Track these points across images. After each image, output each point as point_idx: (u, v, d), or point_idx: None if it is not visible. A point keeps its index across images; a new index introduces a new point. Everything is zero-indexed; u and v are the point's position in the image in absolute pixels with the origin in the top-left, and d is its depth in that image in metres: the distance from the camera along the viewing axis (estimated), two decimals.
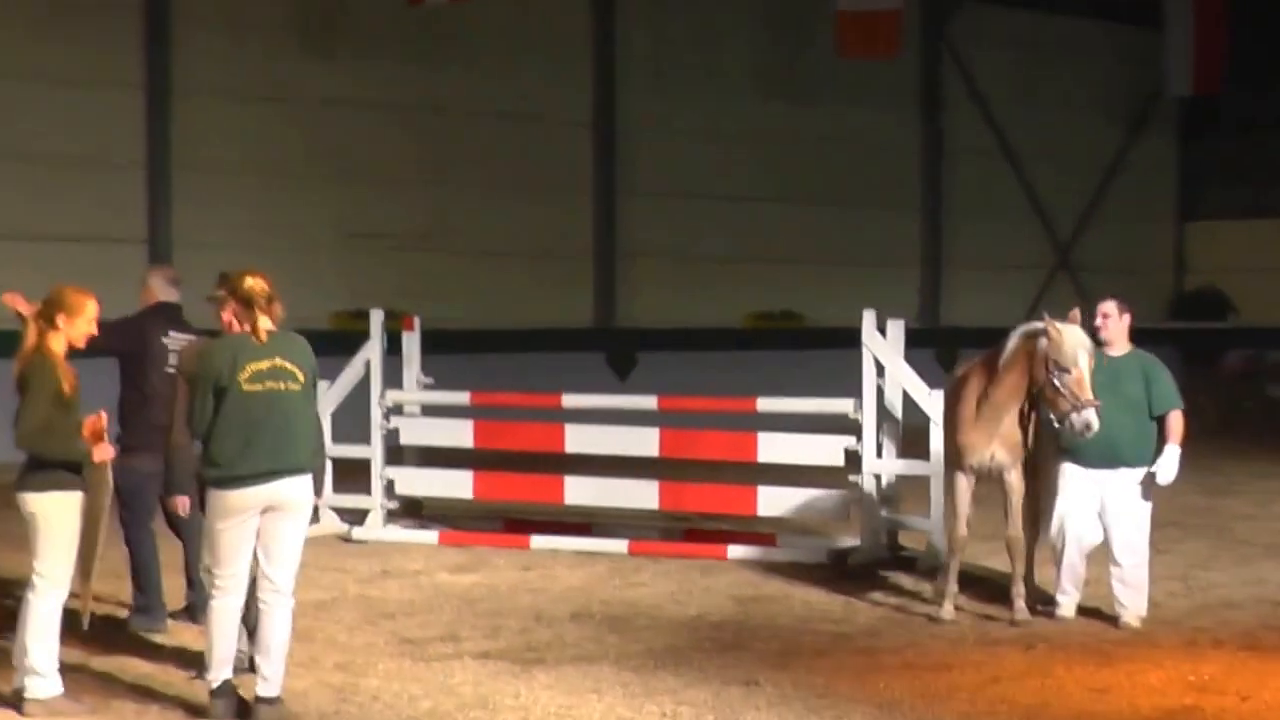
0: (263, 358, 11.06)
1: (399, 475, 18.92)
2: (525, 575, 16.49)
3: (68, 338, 11.61)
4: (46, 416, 11.32)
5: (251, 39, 27.41)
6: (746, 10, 32.66)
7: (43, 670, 11.37)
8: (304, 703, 11.56)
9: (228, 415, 10.99)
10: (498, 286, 29.18)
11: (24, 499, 11.40)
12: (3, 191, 24.40)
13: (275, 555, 11.18)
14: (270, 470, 11.03)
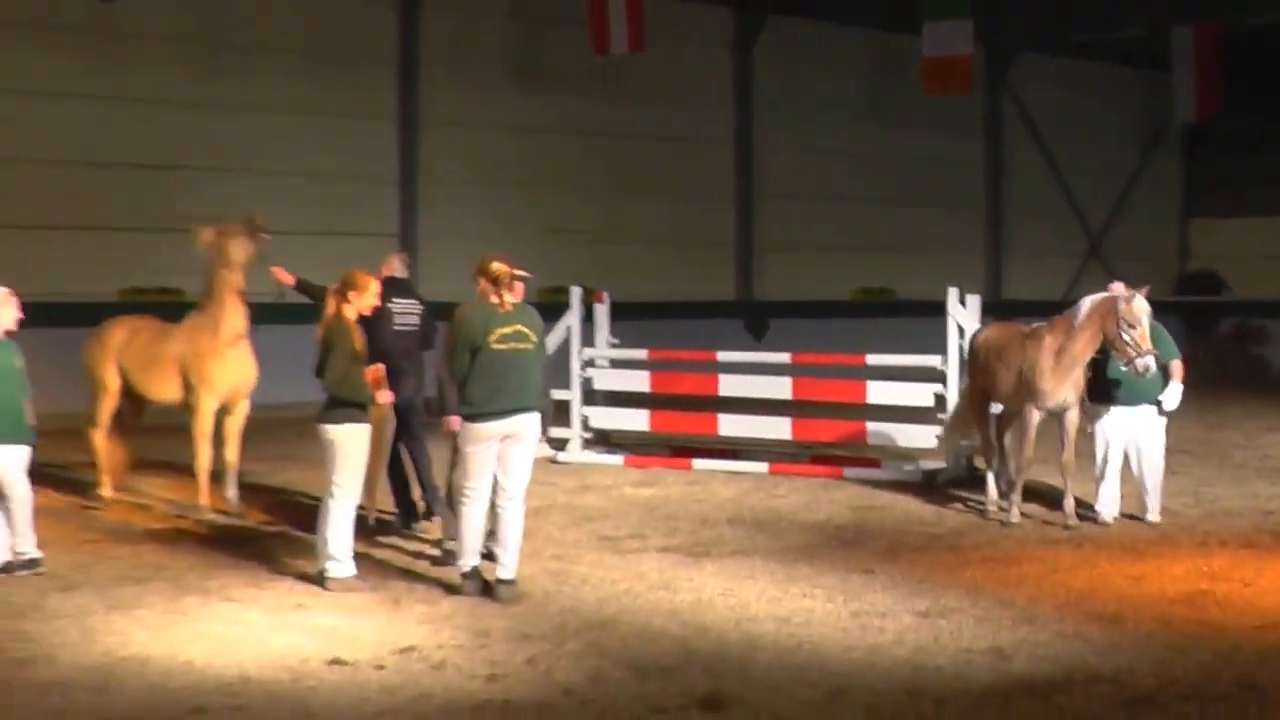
0: (507, 324, 11.22)
1: (593, 413, 19.00)
2: (691, 489, 16.54)
3: (357, 307, 11.82)
4: (345, 368, 11.52)
5: (477, 80, 27.51)
6: (855, 55, 32.51)
7: (339, 557, 11.58)
8: (531, 584, 11.68)
9: (479, 367, 11.15)
10: (662, 269, 29.24)
11: (325, 429, 11.59)
12: (291, 199, 24.56)
13: (512, 472, 11.33)
14: (510, 409, 11.18)
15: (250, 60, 25.10)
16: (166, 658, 9.70)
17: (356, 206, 25.77)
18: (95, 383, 15.22)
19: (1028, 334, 14.52)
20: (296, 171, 25.23)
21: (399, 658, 9.71)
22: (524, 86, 28.10)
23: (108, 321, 15.65)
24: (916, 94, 29.16)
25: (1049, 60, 35.76)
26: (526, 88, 28.11)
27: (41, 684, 9.15)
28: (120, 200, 23.66)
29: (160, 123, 24.10)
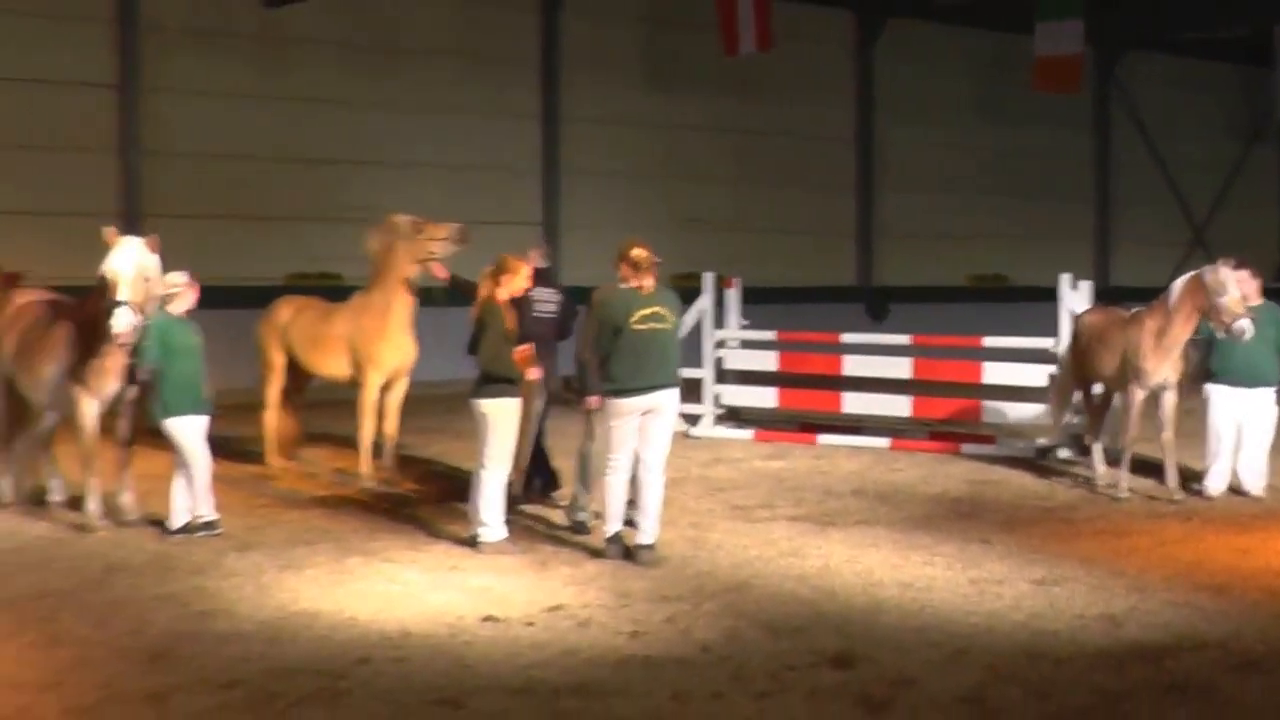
0: (647, 305, 11.27)
1: (724, 390, 19.02)
2: (816, 463, 16.51)
3: (509, 290, 11.91)
4: (497, 347, 11.62)
5: (614, 80, 27.59)
6: (969, 54, 32.24)
7: (491, 522, 11.69)
8: (669, 549, 11.73)
9: (622, 346, 11.21)
10: (788, 256, 29.19)
11: (478, 404, 11.69)
12: (441, 191, 24.74)
13: (652, 444, 11.38)
14: (651, 385, 11.23)
15: (404, 62, 25.33)
16: (333, 613, 9.85)
17: (502, 198, 25.92)
18: (264, 360, 15.43)
19: (1128, 318, 14.39)
20: (446, 165, 25.43)
21: (547, 616, 9.80)
22: (657, 85, 28.13)
23: (276, 301, 15.88)
24: (1028, 91, 28.88)
25: (1155, 58, 35.27)
26: (660, 87, 28.14)
27: (221, 635, 9.34)
28: (285, 192, 23.99)
29: (321, 121, 24.39)
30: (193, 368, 12.25)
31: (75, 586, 10.57)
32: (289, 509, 13.54)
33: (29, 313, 13.12)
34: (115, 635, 9.32)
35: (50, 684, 8.33)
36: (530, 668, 8.66)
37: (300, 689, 8.22)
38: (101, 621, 9.63)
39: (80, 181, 22.24)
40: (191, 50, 23.30)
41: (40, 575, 10.90)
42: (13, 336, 13.02)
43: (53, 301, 13.28)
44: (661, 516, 11.66)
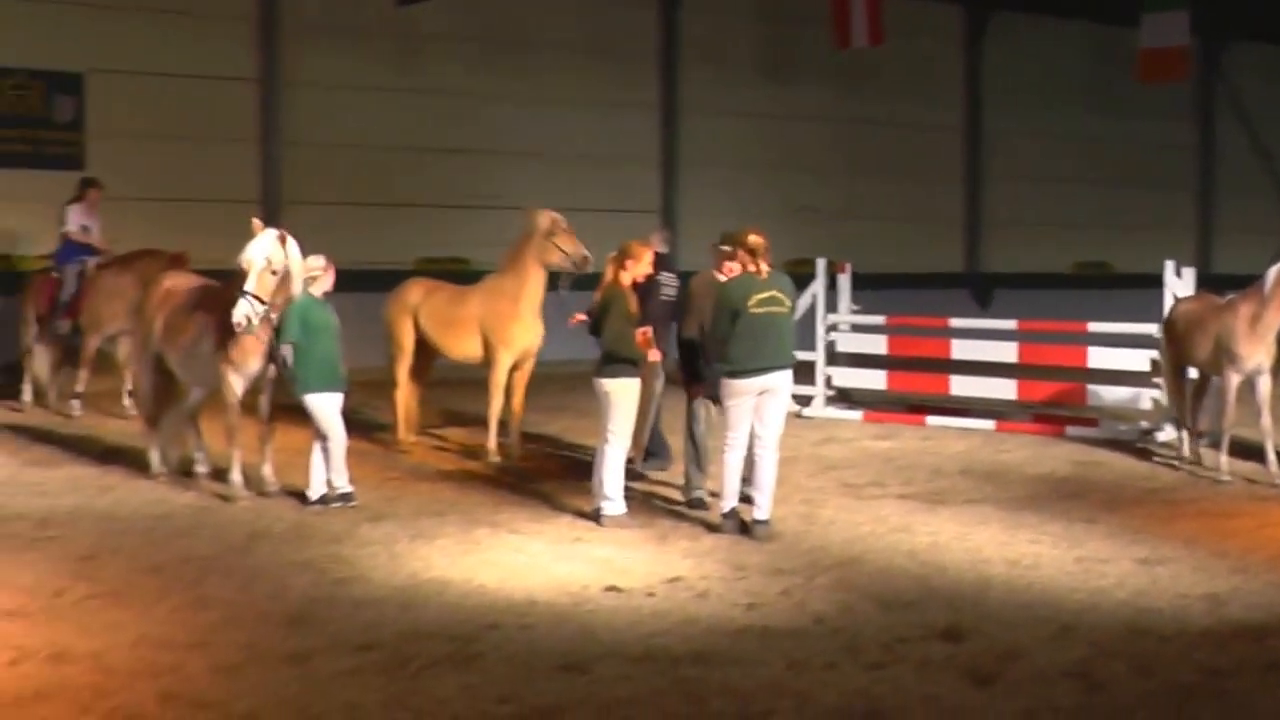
0: (764, 290, 11.25)
1: (835, 372, 18.93)
2: (925, 443, 16.41)
3: (632, 274, 11.94)
4: (620, 329, 11.65)
5: (730, 73, 27.55)
6: (1075, 46, 31.89)
7: (613, 496, 11.72)
8: (784, 525, 11.71)
9: (740, 329, 11.20)
10: (897, 243, 29.00)
11: (601, 383, 11.72)
12: (565, 179, 24.84)
13: (767, 423, 11.37)
14: (767, 366, 11.21)
15: (530, 57, 25.42)
16: (463, 581, 9.93)
17: (622, 186, 25.96)
18: (393, 339, 15.52)
19: (1223, 305, 14.21)
20: (570, 155, 25.52)
21: (667, 587, 9.82)
22: (771, 78, 28.06)
23: (405, 283, 16.00)
24: (1132, 82, 28.48)
25: (1258, 48, 34.68)
26: (774, 79, 28.06)
27: (357, 600, 9.44)
28: (416, 180, 24.16)
29: (450, 112, 24.54)
30: (330, 346, 12.39)
31: (220, 552, 10.74)
32: (419, 482, 13.65)
33: (178, 294, 13.33)
34: (257, 599, 9.46)
35: (198, 643, 8.46)
36: (651, 636, 8.68)
37: (433, 652, 8.29)
38: (244, 586, 9.78)
39: (224, 170, 22.54)
40: (328, 47, 23.53)
41: (187, 542, 11.08)
42: (162, 316, 13.23)
43: (200, 283, 13.47)
44: (776, 493, 11.65)
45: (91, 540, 11.05)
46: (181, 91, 22.23)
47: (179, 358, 13.07)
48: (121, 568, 10.24)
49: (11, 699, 7.49)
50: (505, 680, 7.86)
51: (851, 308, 19.06)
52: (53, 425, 16.59)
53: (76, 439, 15.63)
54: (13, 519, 11.77)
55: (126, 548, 10.84)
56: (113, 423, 16.92)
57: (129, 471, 13.72)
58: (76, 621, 8.90)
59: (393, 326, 15.54)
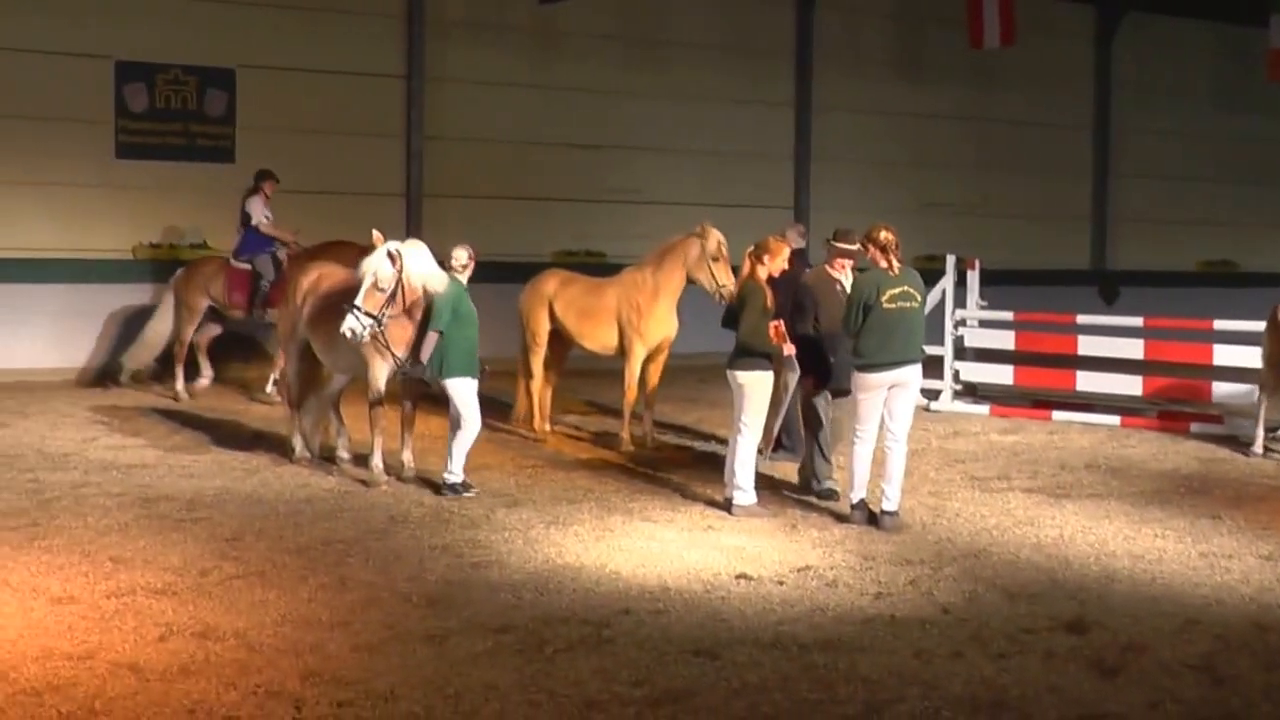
0: (895, 285, 11.15)
1: (962, 367, 18.73)
2: (1050, 438, 16.19)
3: (769, 270, 11.89)
4: (756, 322, 11.60)
5: (863, 71, 27.32)
6: (1204, 46, 31.29)
7: (745, 486, 11.69)
8: (911, 516, 11.64)
9: (871, 323, 11.12)
10: (1025, 240, 28.61)
11: (735, 375, 11.68)
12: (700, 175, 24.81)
13: (897, 416, 11.28)
14: (898, 360, 11.12)
15: (666, 54, 25.36)
16: (596, 567, 9.96)
17: (756, 182, 25.82)
18: (528, 329, 15.55)
19: None
20: (705, 151, 25.44)
21: (797, 575, 9.79)
22: (904, 76, 27.79)
23: (541, 274, 16.06)
24: (1261, 81, 27.94)
25: None
26: (906, 77, 27.79)
27: (493, 584, 9.50)
28: (554, 175, 24.20)
29: (588, 108, 24.56)
30: (473, 334, 12.50)
31: (361, 535, 10.84)
32: (554, 469, 13.70)
33: (326, 282, 13.48)
34: (397, 580, 9.54)
35: (339, 623, 8.55)
36: (781, 624, 8.65)
37: (568, 636, 8.32)
38: (384, 568, 9.87)
39: (369, 163, 22.74)
40: (471, 43, 23.65)
41: (329, 524, 11.21)
42: (310, 304, 13.38)
43: (348, 273, 13.60)
44: (904, 485, 11.58)
45: (237, 522, 11.22)
46: (329, 87, 22.46)
47: (324, 345, 13.22)
48: (266, 549, 10.38)
49: (160, 673, 7.61)
50: (638, 664, 7.87)
51: (979, 303, 18.84)
52: (198, 410, 16.84)
53: (222, 424, 15.87)
54: (161, 500, 11.97)
55: (271, 529, 10.98)
56: (257, 408, 17.15)
57: (273, 456, 13.90)
58: (223, 600, 9.03)
59: (528, 316, 15.59)
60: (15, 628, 8.39)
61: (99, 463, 13.58)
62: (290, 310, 13.68)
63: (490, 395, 13.50)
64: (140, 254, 21.02)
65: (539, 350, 15.55)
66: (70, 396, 17.91)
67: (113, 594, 9.11)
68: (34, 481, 12.64)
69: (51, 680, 7.50)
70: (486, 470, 13.15)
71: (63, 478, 12.84)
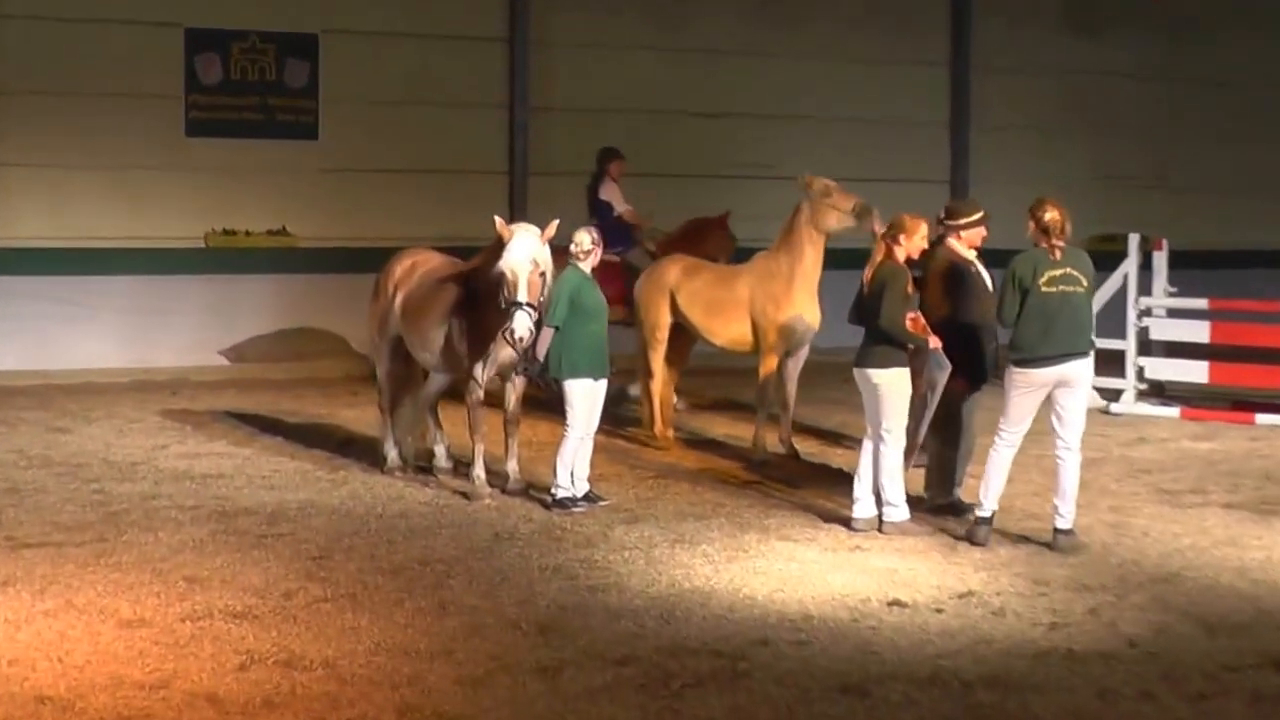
0: (1057, 267, 11.04)
1: (1148, 363, 18.52)
2: (1254, 445, 15.90)
3: (906, 250, 11.82)
4: (898, 311, 11.54)
5: (1028, 24, 27.06)
6: None
7: (896, 501, 11.65)
8: (1089, 535, 11.53)
9: (1030, 310, 11.05)
10: (1221, 217, 28.09)
11: (869, 374, 11.64)
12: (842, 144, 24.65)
13: (1067, 420, 11.18)
14: (1062, 353, 11.01)
15: (804, 11, 25.30)
16: (729, 592, 9.96)
17: (907, 152, 25.63)
18: (648, 323, 15.55)
19: None
20: (847, 117, 25.31)
21: (957, 602, 9.73)
22: (1077, 28, 27.47)
23: (661, 261, 16.07)
24: None
25: None
26: (1079, 30, 27.47)
27: (612, 610, 9.54)
28: (675, 147, 24.18)
29: (713, 73, 24.54)
30: (599, 329, 12.62)
31: (462, 554, 10.93)
32: (678, 480, 13.73)
33: (420, 270, 13.59)
34: (503, 605, 9.61)
35: (441, 652, 8.62)
36: (940, 657, 8.61)
37: (696, 669, 8.33)
38: (489, 591, 9.94)
39: (467, 138, 22.87)
40: (579, 3, 23.73)
41: (427, 542, 11.30)
42: (404, 295, 13.50)
43: (445, 260, 13.71)
44: (1080, 499, 11.48)
45: (324, 539, 11.35)
46: (423, 53, 22.60)
47: (421, 340, 13.33)
48: (356, 569, 10.49)
49: (240, 706, 7.72)
50: (777, 702, 7.86)
51: (1168, 290, 18.60)
52: (279, 414, 17.04)
53: (306, 429, 16.05)
54: (240, 514, 12.13)
55: (361, 547, 11.10)
56: (345, 411, 17.34)
57: (364, 464, 14.05)
58: (309, 625, 9.14)
59: (647, 309, 15.57)
60: (83, 653, 8.55)
61: (171, 472, 13.79)
62: (381, 302, 13.80)
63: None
64: (213, 242, 21.33)
65: (659, 347, 15.53)
66: (138, 399, 18.19)
67: (188, 617, 9.25)
68: (100, 493, 12.87)
69: (122, 711, 7.63)
70: (603, 482, 13.19)
71: (131, 489, 13.06)
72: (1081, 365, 11.16)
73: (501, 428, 13.12)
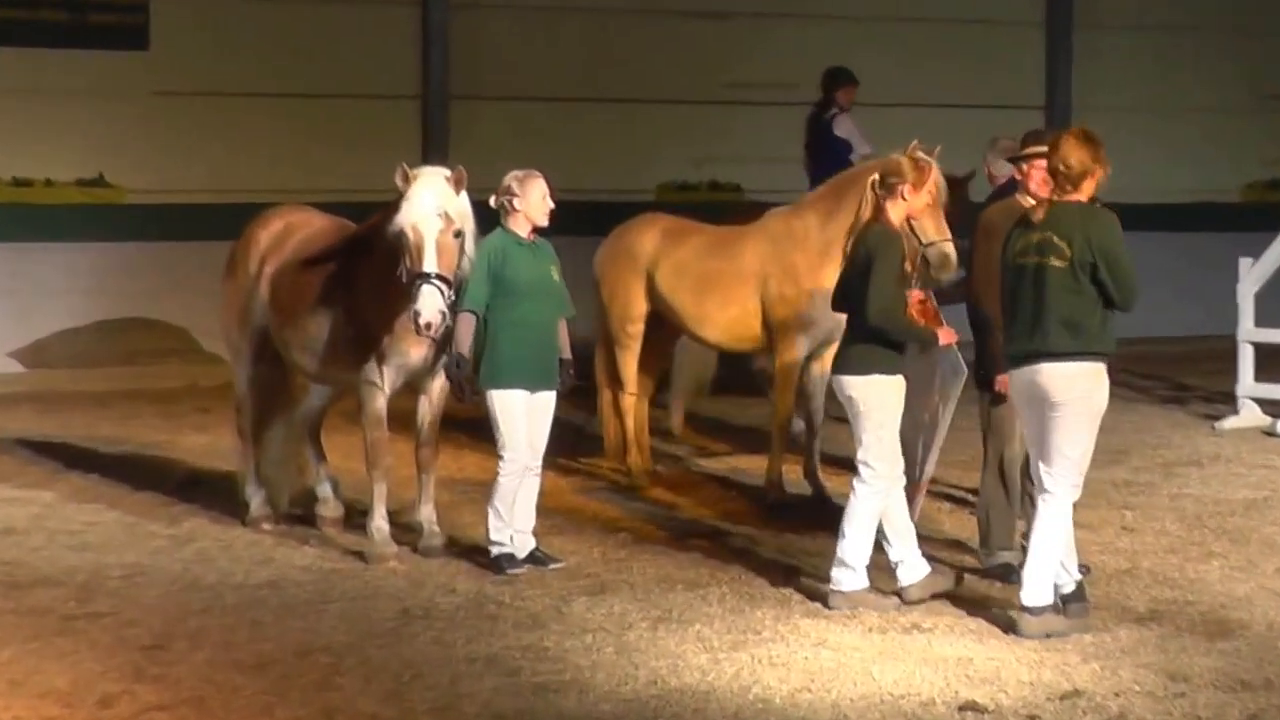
0: (1034, 231, 10.92)
1: None
2: None
3: (908, 209, 11.93)
4: (891, 294, 11.49)
5: None
6: None
7: (852, 562, 11.63)
8: (1246, 607, 11.51)
9: (1004, 289, 11.13)
10: None
11: (845, 382, 11.69)
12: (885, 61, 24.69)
13: (1045, 453, 11.10)
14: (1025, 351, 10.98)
15: None
16: (734, 691, 9.95)
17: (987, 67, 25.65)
18: (614, 310, 15.64)
19: None
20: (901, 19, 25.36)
21: (1059, 706, 9.73)
22: None
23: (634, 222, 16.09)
24: None
25: None
26: None
27: (569, 718, 9.49)
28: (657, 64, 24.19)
29: None
30: (541, 315, 12.55)
31: (357, 640, 10.90)
32: (660, 533, 13.73)
33: (295, 238, 13.51)
34: (415, 712, 9.56)
35: None
36: None
37: None
38: (395, 693, 9.91)
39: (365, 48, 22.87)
40: None
41: (307, 623, 11.27)
42: (271, 273, 13.41)
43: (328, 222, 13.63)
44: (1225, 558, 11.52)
45: (159, 621, 11.29)
46: None
47: (295, 336, 13.27)
48: (205, 662, 10.43)
49: None
50: None
51: None
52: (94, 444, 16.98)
53: (137, 462, 16.03)
54: (38, 586, 12.09)
55: (213, 632, 11.05)
56: (190, 437, 17.29)
57: (216, 513, 14.04)
58: None
59: (613, 291, 15.60)
60: None
61: None
62: (240, 281, 13.70)
63: (559, 416, 13.49)
64: (1, 196, 21.28)
65: (632, 345, 15.55)
66: None
67: None
68: None
69: None
70: (556, 536, 13.18)
71: None
72: (1054, 373, 11.07)
73: (412, 459, 13.09)
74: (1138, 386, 20.28)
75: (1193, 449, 16.82)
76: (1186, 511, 13.68)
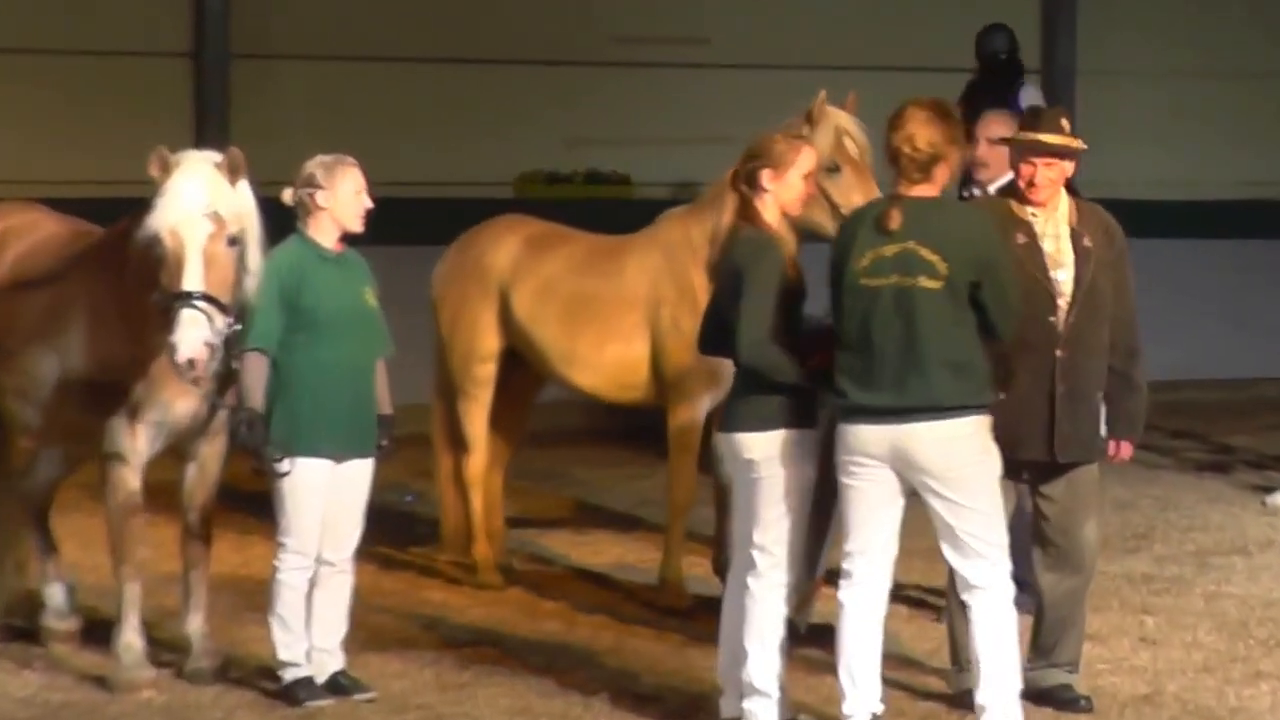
0: (890, 241, 10.98)
1: None
2: None
3: (780, 202, 11.93)
4: (766, 317, 11.49)
5: None
6: None
7: (765, 689, 11.52)
8: None
9: (842, 318, 11.19)
10: None
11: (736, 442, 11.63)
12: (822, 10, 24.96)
13: (956, 540, 11.22)
14: (893, 407, 11.02)
15: None
16: None
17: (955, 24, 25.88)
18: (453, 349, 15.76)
19: None
20: None
21: None
22: None
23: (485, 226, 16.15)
24: None
25: None
26: None
27: None
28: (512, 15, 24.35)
29: None
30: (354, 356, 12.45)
31: None
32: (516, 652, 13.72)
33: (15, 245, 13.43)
34: None
35: None
36: None
37: None
38: None
39: None
40: None
41: None
42: None
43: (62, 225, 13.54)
44: None
45: None
46: None
47: (12, 382, 13.18)
48: None
49: None
50: None
51: None
52: None
53: None
54: None
55: None
56: None
57: None
58: None
59: (454, 321, 15.71)
60: None
61: None
62: None
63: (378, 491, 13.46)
64: None
65: (479, 394, 15.64)
66: None
67: None
68: None
69: None
70: (375, 654, 13.13)
71: None
72: (937, 435, 11.10)
73: (177, 551, 12.98)
74: (1164, 448, 20.52)
75: (1237, 532, 17.05)
76: (1228, 616, 13.81)
